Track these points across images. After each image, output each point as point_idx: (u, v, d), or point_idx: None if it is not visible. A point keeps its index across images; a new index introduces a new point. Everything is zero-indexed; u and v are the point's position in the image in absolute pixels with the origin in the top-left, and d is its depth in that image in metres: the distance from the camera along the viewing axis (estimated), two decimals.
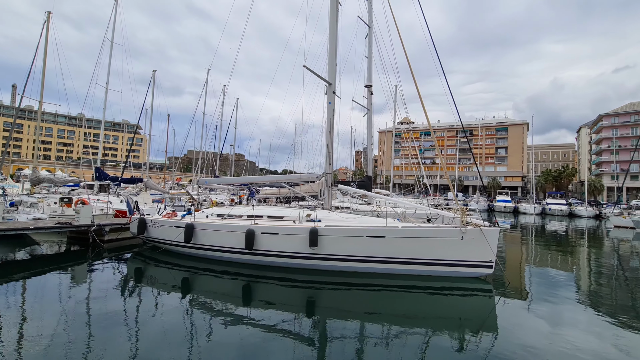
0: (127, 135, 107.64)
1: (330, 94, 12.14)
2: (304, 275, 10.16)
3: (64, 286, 9.39)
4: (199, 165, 34.67)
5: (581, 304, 8.63)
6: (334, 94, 12.19)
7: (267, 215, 11.29)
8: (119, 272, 11.05)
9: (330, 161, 11.77)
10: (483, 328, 6.80)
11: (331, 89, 12.18)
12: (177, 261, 11.76)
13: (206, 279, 10.44)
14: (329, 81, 12.08)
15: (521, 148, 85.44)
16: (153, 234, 12.46)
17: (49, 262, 12.18)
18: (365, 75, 20.61)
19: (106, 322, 6.65)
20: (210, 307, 7.77)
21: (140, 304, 7.96)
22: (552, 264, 14.10)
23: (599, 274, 12.56)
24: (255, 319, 7.03)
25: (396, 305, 8.20)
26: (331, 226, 10.15)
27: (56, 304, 7.71)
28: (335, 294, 9.29)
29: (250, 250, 10.36)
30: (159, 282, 10.16)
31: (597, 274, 12.56)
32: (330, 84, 12.12)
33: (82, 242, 14.21)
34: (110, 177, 21.59)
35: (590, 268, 13.72)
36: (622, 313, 7.98)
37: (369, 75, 20.46)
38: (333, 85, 12.20)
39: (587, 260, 15.46)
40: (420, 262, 9.97)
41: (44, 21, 19.43)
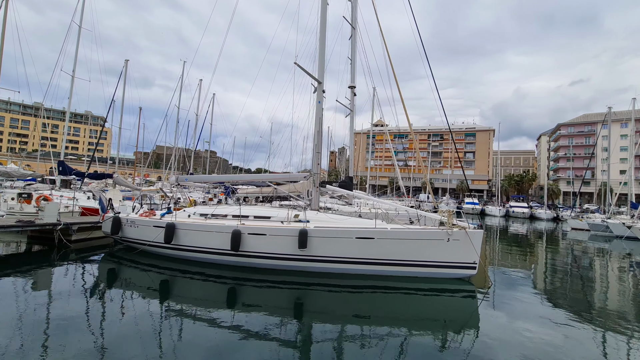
0: (90, 128, 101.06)
1: (319, 93, 11.99)
2: (292, 277, 9.94)
3: (24, 291, 8.44)
4: (172, 162, 33.18)
5: (561, 304, 9.09)
6: (323, 92, 12.05)
7: (253, 216, 10.93)
8: (90, 275, 10.25)
9: (318, 161, 11.62)
10: (465, 328, 7.00)
11: (320, 88, 12.04)
12: (155, 262, 11.10)
13: (188, 282, 9.93)
14: (319, 80, 11.92)
15: (487, 153, 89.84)
16: (129, 233, 11.67)
17: (6, 264, 11.05)
18: (347, 77, 20.66)
19: (76, 330, 6.10)
20: (192, 312, 7.39)
21: (115, 310, 7.40)
22: (526, 264, 14.86)
23: (572, 273, 13.38)
24: (240, 323, 6.80)
25: (383, 307, 8.25)
26: (320, 227, 10.01)
27: (16, 312, 6.89)
28: (323, 296, 9.16)
29: (236, 251, 9.98)
30: (136, 285, 9.51)
31: (570, 273, 13.37)
32: (320, 82, 11.97)
33: (45, 241, 13.05)
34: (75, 171, 20.05)
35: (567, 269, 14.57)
36: (608, 315, 8.46)
37: (353, 76, 20.51)
38: (322, 84, 12.06)
39: (553, 260, 16.42)
40: (408, 263, 10.08)
41: None
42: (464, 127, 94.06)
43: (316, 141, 11.74)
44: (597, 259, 17.49)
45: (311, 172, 11.75)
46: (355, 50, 20.57)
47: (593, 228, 31.01)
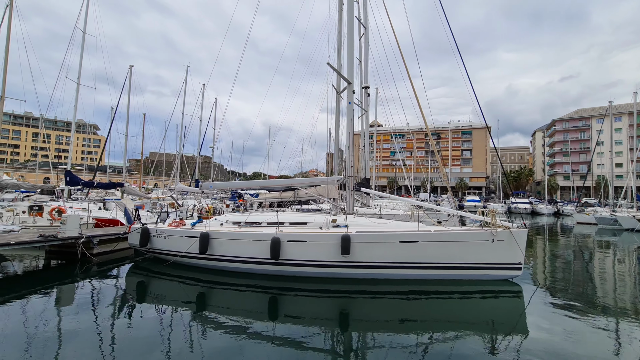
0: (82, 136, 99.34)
1: (349, 94, 11.69)
2: (334, 285, 9.59)
3: (53, 309, 7.96)
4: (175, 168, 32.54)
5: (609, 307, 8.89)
6: (353, 93, 11.76)
7: (289, 222, 10.55)
8: (118, 289, 9.79)
9: (352, 163, 11.30)
10: (514, 331, 6.80)
11: (350, 88, 11.75)
12: (186, 274, 10.64)
13: (226, 293, 9.52)
14: (349, 80, 11.63)
15: (484, 150, 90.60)
16: (158, 245, 11.16)
17: (29, 281, 10.46)
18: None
19: (114, 348, 5.85)
20: (235, 324, 7.08)
21: (152, 325, 7.02)
22: (561, 261, 14.72)
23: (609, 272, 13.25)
24: (285, 334, 6.54)
25: (429, 311, 8.07)
26: (363, 232, 9.68)
27: (46, 332, 6.46)
28: (368, 302, 8.86)
29: (276, 260, 9.59)
30: (170, 299, 9.07)
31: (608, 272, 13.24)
32: (349, 83, 11.67)
33: (64, 256, 12.46)
34: (83, 181, 19.39)
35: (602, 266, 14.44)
36: None
37: (366, 76, 20.29)
38: (352, 85, 11.77)
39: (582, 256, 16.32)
40: (452, 266, 9.81)
41: (6, 5, 17.01)
42: (460, 125, 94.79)
43: (348, 143, 11.42)
44: (620, 252, 17.44)
45: (345, 175, 11.42)
46: (368, 51, 20.34)
47: (600, 222, 31.24)
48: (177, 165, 30.45)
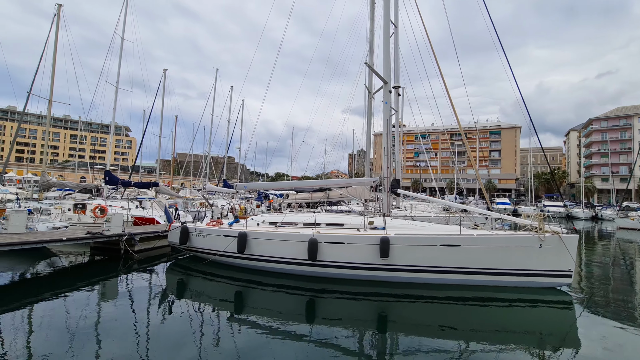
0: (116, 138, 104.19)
1: (386, 93, 11.49)
2: (372, 288, 9.43)
3: (99, 303, 8.38)
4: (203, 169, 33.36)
5: None
6: (390, 93, 11.55)
7: (325, 223, 10.49)
8: (159, 286, 10.13)
9: (388, 164, 11.09)
10: (565, 342, 6.40)
11: (387, 87, 11.55)
12: (224, 273, 10.82)
13: (263, 293, 9.57)
14: (385, 79, 11.43)
15: (514, 151, 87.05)
16: (197, 243, 11.43)
17: (76, 276, 11.01)
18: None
19: (155, 342, 6.08)
20: (271, 324, 7.11)
21: (192, 321, 7.21)
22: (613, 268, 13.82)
23: None
24: (322, 337, 6.48)
25: (472, 319, 7.70)
26: (403, 235, 9.45)
27: (94, 324, 6.83)
28: (407, 307, 8.64)
29: (313, 261, 9.54)
30: (208, 296, 9.32)
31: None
32: (386, 82, 11.48)
33: (107, 252, 13.02)
34: (121, 181, 20.23)
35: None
36: None
37: (396, 75, 19.93)
38: (389, 84, 11.56)
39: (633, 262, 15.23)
40: (496, 272, 9.38)
41: (53, 14, 18.07)
42: (488, 125, 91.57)
43: (385, 143, 11.22)
44: None
45: (381, 177, 11.23)
46: (399, 50, 19.97)
47: None
48: (207, 165, 31.21)
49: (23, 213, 11.40)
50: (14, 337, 6.11)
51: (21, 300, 8.13)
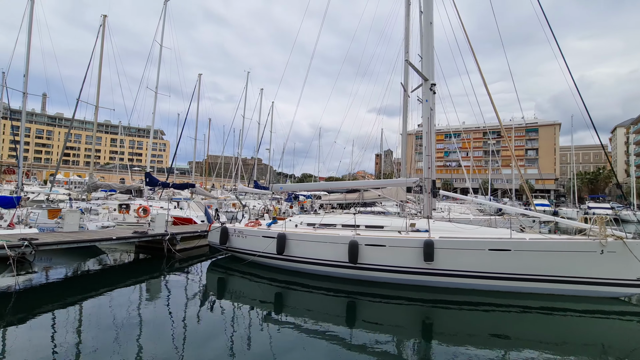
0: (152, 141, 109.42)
1: (426, 91, 11.10)
2: (415, 293, 9.10)
3: (145, 300, 8.80)
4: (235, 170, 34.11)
5: None
6: (430, 90, 11.15)
7: (364, 225, 10.28)
8: (201, 285, 10.45)
9: (429, 165, 10.69)
10: (632, 358, 5.79)
11: (427, 85, 11.16)
12: (262, 273, 10.90)
13: (303, 295, 9.53)
14: (426, 77, 11.04)
15: (553, 149, 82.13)
16: (237, 244, 11.61)
17: (124, 273, 11.54)
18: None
19: (198, 340, 6.26)
20: (311, 327, 7.08)
21: (232, 320, 7.42)
22: None
23: None
24: (362, 341, 6.36)
25: (525, 328, 7.19)
26: (448, 238, 9.05)
27: (140, 319, 7.22)
28: (453, 314, 8.23)
29: (354, 263, 9.36)
30: (248, 296, 9.45)
31: None
32: (427, 79, 11.09)
33: (150, 251, 13.56)
34: (161, 182, 21.09)
35: None
36: None
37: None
38: (429, 82, 11.17)
39: None
40: (552, 279, 8.74)
41: (99, 25, 19.19)
42: (524, 122, 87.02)
43: (426, 143, 10.83)
44: None
45: (422, 177, 10.86)
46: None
47: None
48: (239, 167, 31.91)
49: (77, 213, 12.13)
50: (68, 330, 6.52)
51: (76, 296, 8.63)
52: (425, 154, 10.95)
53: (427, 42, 11.37)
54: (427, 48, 11.32)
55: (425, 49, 11.29)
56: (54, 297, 8.51)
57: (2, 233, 10.61)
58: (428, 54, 11.27)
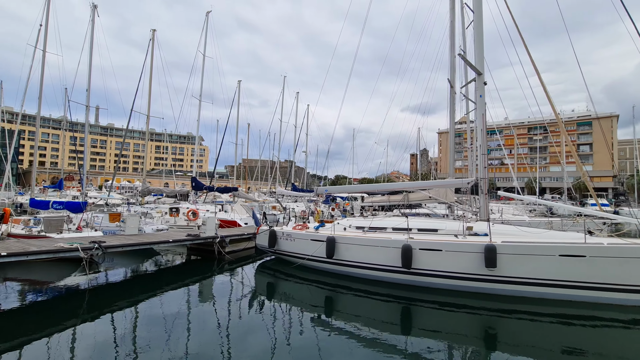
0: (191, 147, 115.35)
1: (480, 85, 10.49)
2: (475, 301, 8.55)
3: (200, 300, 9.16)
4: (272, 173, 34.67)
5: None
6: (485, 84, 10.51)
7: (416, 229, 9.88)
8: (251, 287, 10.66)
9: (485, 164, 10.06)
10: None
11: (481, 79, 10.53)
12: (311, 277, 10.86)
13: (353, 300, 9.32)
14: (479, 70, 10.43)
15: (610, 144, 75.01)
16: (285, 247, 11.69)
17: (178, 274, 12.05)
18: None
19: (248, 341, 6.45)
20: (363, 333, 6.89)
21: (282, 323, 7.50)
22: None
23: None
24: (418, 350, 6.06)
25: (605, 343, 6.51)
26: (512, 242, 8.42)
27: (197, 319, 7.52)
28: (520, 325, 7.59)
29: (408, 268, 9.00)
30: (298, 299, 9.44)
31: None
32: (480, 73, 10.47)
33: (201, 252, 14.08)
34: (206, 186, 21.93)
35: None
36: None
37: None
38: (482, 76, 10.54)
39: None
40: (635, 289, 7.79)
41: (149, 39, 20.42)
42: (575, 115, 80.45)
43: (481, 141, 10.22)
44: None
45: (477, 177, 10.24)
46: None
47: None
48: (277, 170, 32.42)
49: (136, 217, 12.90)
50: (132, 327, 6.96)
51: (138, 295, 9.13)
52: (481, 153, 10.31)
53: (478, 33, 10.74)
54: (479, 40, 10.69)
55: (476, 40, 10.68)
56: (119, 295, 9.08)
57: (73, 236, 11.51)
58: (480, 46, 10.63)
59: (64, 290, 9.27)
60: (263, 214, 13.38)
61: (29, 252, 7.87)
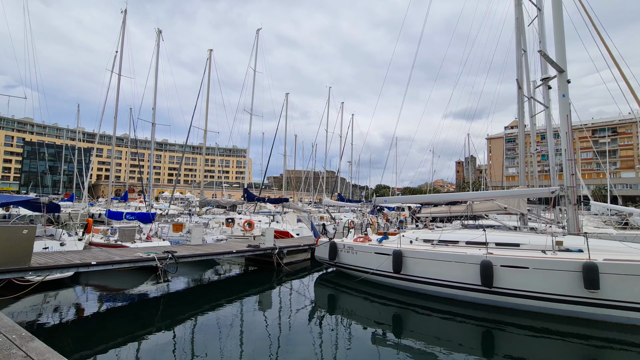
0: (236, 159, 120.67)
1: (562, 84, 9.47)
2: (574, 327, 7.50)
3: (262, 312, 9.19)
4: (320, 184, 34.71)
5: None
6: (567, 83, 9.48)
7: (494, 242, 8.99)
8: (311, 299, 10.47)
9: (572, 170, 8.97)
10: None
11: (563, 77, 9.52)
12: (374, 291, 10.38)
13: (426, 320, 8.67)
14: (562, 68, 9.44)
15: None
16: (346, 260, 11.34)
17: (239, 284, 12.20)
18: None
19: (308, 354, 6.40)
20: (440, 355, 6.39)
21: (349, 339, 7.32)
22: None
23: None
24: None
25: None
26: (619, 261, 7.28)
27: (259, 332, 7.55)
28: (628, 357, 6.45)
29: (488, 287, 8.17)
30: (361, 315, 9.07)
31: None
32: (562, 71, 9.47)
33: (258, 263, 14.20)
34: (257, 197, 22.40)
35: None
36: None
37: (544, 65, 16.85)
38: (565, 74, 9.52)
39: None
40: None
41: (206, 59, 21.69)
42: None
43: (566, 145, 9.16)
44: None
45: (563, 186, 9.16)
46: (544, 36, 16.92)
47: None
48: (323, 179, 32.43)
49: (201, 228, 13.39)
50: (201, 337, 7.06)
51: (204, 305, 9.31)
52: (566, 158, 9.23)
53: (558, 27, 9.76)
54: (559, 34, 9.70)
55: (556, 35, 9.70)
56: (188, 304, 9.36)
57: (146, 245, 12.17)
58: (560, 41, 9.64)
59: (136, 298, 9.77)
60: (322, 225, 13.16)
61: (114, 262, 8.37)
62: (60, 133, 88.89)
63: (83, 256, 8.81)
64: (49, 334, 6.96)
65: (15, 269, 6.74)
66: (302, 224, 22.11)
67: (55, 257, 8.37)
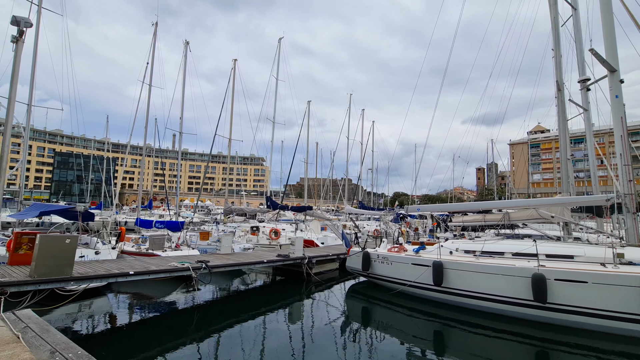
0: (254, 167, 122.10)
1: (615, 84, 8.86)
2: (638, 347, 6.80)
3: (293, 323, 9.00)
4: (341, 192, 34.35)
5: None
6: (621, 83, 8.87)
7: (544, 254, 8.39)
8: (344, 312, 10.10)
9: (630, 176, 8.30)
10: None
11: (615, 77, 8.91)
12: (409, 304, 9.90)
13: (471, 337, 8.12)
14: (613, 67, 8.85)
15: None
16: (380, 271, 10.92)
17: (268, 294, 11.99)
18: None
19: None
20: None
21: (386, 356, 6.86)
22: None
23: None
24: None
25: None
26: None
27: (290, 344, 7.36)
28: None
29: (542, 303, 7.58)
30: (400, 329, 8.67)
31: None
32: (614, 70, 8.88)
33: (286, 273, 13.96)
34: (280, 205, 22.27)
35: None
36: None
37: (581, 68, 16.08)
38: (617, 73, 8.92)
39: None
40: None
41: (230, 68, 22.01)
42: None
43: (622, 149, 8.51)
44: None
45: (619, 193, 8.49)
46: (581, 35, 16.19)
47: None
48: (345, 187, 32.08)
49: (230, 236, 13.31)
50: (227, 348, 6.98)
51: (237, 316, 9.12)
52: (622, 163, 8.57)
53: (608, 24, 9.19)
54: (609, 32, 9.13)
55: (605, 32, 9.13)
56: (218, 314, 9.23)
57: (178, 254, 12.17)
58: (611, 39, 9.06)
59: (168, 307, 9.71)
60: (355, 235, 12.80)
61: (150, 271, 8.32)
62: (87, 144, 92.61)
63: (120, 265, 8.82)
64: (86, 344, 6.92)
65: (59, 279, 6.76)
66: (326, 232, 21.77)
67: (93, 267, 8.40)
